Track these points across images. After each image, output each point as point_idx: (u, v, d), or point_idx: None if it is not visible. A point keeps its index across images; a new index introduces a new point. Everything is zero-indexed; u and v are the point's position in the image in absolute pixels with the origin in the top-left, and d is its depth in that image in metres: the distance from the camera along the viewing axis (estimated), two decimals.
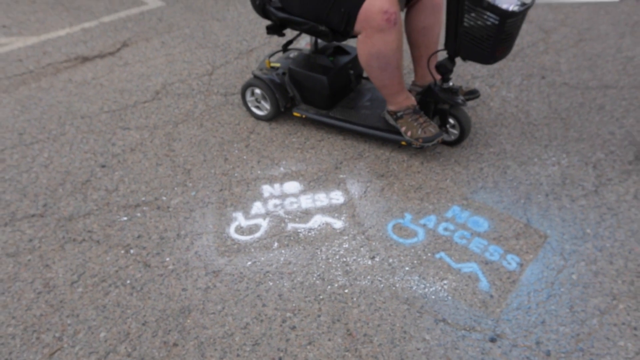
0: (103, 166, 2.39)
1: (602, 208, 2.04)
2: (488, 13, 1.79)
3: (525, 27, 3.42)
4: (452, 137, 2.37)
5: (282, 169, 2.32)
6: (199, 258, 1.89)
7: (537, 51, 3.16)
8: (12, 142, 2.59)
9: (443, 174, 2.24)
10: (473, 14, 1.84)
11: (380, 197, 2.13)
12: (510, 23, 1.81)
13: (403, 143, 2.30)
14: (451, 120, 2.31)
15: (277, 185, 2.22)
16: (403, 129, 2.24)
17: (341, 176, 2.26)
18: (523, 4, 1.81)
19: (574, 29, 3.38)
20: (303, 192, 2.19)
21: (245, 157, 2.41)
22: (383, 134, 2.34)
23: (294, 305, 1.70)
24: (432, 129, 2.19)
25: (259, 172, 2.31)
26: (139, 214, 2.11)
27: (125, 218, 2.09)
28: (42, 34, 3.72)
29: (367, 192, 2.16)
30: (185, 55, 3.34)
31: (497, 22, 1.80)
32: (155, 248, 1.94)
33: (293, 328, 1.63)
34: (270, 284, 1.78)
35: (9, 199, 2.22)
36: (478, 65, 3.00)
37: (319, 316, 1.66)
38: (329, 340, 1.59)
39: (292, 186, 2.22)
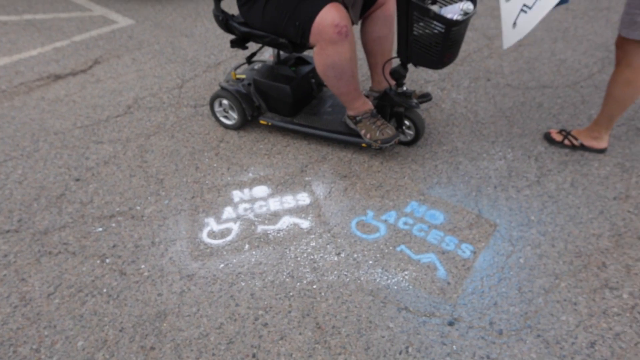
0: (77, 180, 2.30)
1: (544, 196, 2.08)
2: (435, 22, 1.81)
3: (470, 34, 3.47)
4: (408, 138, 2.38)
5: (250, 174, 2.28)
6: (174, 263, 1.83)
7: (482, 56, 3.20)
8: None
9: (401, 172, 2.25)
10: (421, 24, 1.85)
11: (344, 197, 2.12)
12: (455, 31, 1.82)
13: (364, 145, 2.30)
14: (406, 122, 2.33)
15: (246, 190, 2.18)
16: (363, 132, 2.23)
17: (307, 179, 2.24)
18: (465, 14, 1.83)
19: None
20: (271, 195, 2.16)
21: (215, 164, 2.36)
22: (345, 138, 2.33)
23: (265, 303, 1.67)
24: (390, 130, 2.20)
25: (229, 178, 2.26)
26: (113, 224, 2.03)
27: (100, 229, 2.01)
28: (14, 54, 3.57)
29: (331, 193, 2.14)
30: (156, 70, 3.26)
31: (443, 30, 1.81)
32: (130, 256, 1.88)
33: (265, 325, 1.60)
34: (243, 284, 1.74)
35: None
36: (429, 71, 3.03)
37: (290, 312, 1.63)
38: (300, 334, 1.56)
39: (260, 190, 2.18)
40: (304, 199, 2.12)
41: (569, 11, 3.74)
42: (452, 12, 1.84)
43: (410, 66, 2.05)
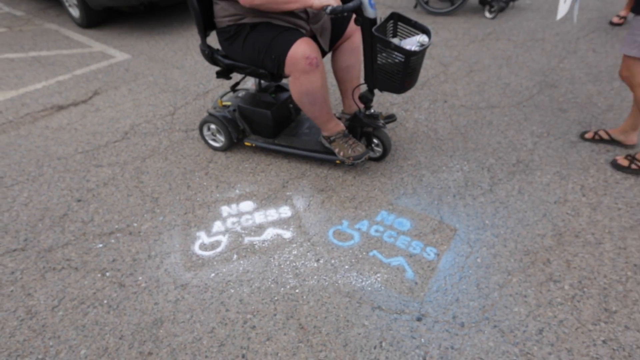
0: (79, 200, 2.25)
1: (496, 203, 2.10)
2: (395, 53, 1.83)
3: (429, 62, 3.53)
4: (377, 154, 2.39)
5: (237, 191, 2.26)
6: (168, 274, 1.80)
7: (439, 81, 3.26)
8: None
9: (372, 185, 2.25)
10: (384, 54, 1.87)
11: (322, 209, 2.11)
12: (413, 60, 1.84)
13: (338, 162, 2.30)
14: (375, 140, 2.34)
15: (234, 206, 2.16)
16: (337, 150, 2.24)
17: (288, 193, 2.23)
18: (422, 45, 1.86)
19: (465, 62, 3.52)
20: (256, 209, 2.14)
21: (205, 183, 2.33)
22: (321, 156, 2.33)
23: (253, 307, 1.65)
24: (360, 148, 2.20)
25: (217, 195, 2.24)
26: (113, 240, 1.99)
27: (100, 245, 1.97)
28: (20, 88, 3.50)
29: (310, 205, 2.14)
30: (150, 99, 3.22)
31: (403, 60, 1.83)
32: (128, 269, 1.84)
33: (253, 327, 1.58)
34: (232, 291, 1.72)
35: None
36: (394, 95, 3.06)
37: (275, 315, 1.62)
38: (285, 334, 1.55)
39: (246, 205, 2.16)
40: (285, 211, 2.11)
41: (510, 41, 3.84)
42: (410, 44, 1.87)
43: (376, 91, 2.08)
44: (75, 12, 4.74)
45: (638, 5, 1.96)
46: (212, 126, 2.51)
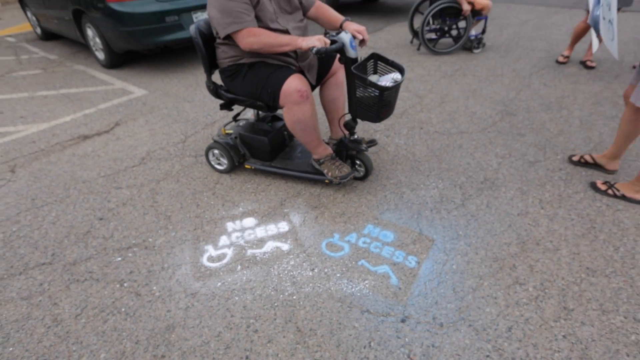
0: (101, 219, 2.22)
1: (468, 216, 2.11)
2: (371, 88, 1.86)
3: (407, 95, 3.57)
4: (361, 174, 2.40)
5: (241, 208, 2.25)
6: (180, 284, 1.77)
7: (415, 110, 3.29)
8: (26, 206, 2.37)
9: (359, 202, 2.25)
10: (362, 89, 1.91)
11: (315, 223, 2.10)
12: (387, 94, 1.87)
13: (327, 181, 2.30)
14: (358, 162, 2.35)
15: (237, 222, 2.15)
16: (325, 171, 2.24)
17: (285, 210, 2.21)
18: (395, 82, 1.90)
19: (438, 94, 3.57)
20: (258, 224, 2.12)
21: (212, 202, 2.31)
22: (312, 176, 2.33)
23: (255, 313, 1.62)
24: (346, 169, 2.22)
25: (223, 212, 2.22)
26: (130, 254, 1.96)
27: (119, 258, 1.93)
28: (51, 121, 3.49)
29: (305, 221, 2.13)
30: (164, 129, 3.22)
31: (377, 94, 1.86)
32: (144, 280, 1.80)
33: (255, 331, 1.54)
34: (236, 298, 1.69)
35: (23, 252, 2.01)
36: (376, 123, 3.08)
37: (275, 319, 1.59)
38: (284, 337, 1.52)
39: (249, 221, 2.15)
40: (283, 226, 2.09)
41: (475, 77, 3.91)
42: (385, 81, 1.91)
43: (359, 119, 2.10)
44: (100, 55, 4.77)
45: None
46: (216, 151, 2.51)
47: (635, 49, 4.29)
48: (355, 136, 2.19)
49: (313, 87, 2.25)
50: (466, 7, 4.11)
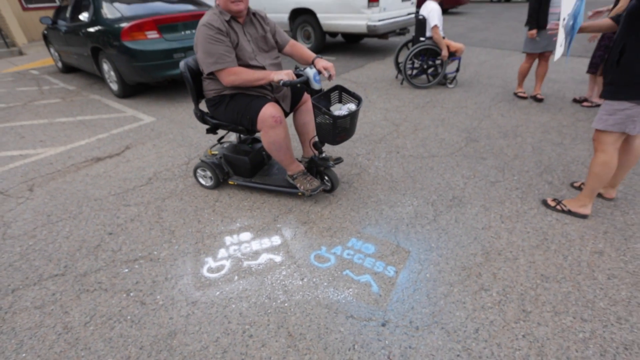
0: (110, 234, 2.17)
1: (439, 230, 2.12)
2: (326, 116, 1.93)
3: (385, 123, 3.63)
4: (328, 187, 2.45)
5: (238, 224, 2.23)
6: (181, 293, 1.73)
7: (392, 137, 3.34)
8: (42, 222, 2.31)
9: (344, 218, 2.25)
10: (320, 116, 1.98)
11: (305, 237, 2.09)
12: (340, 122, 1.96)
13: (300, 194, 2.36)
14: (326, 177, 2.42)
15: (235, 236, 2.12)
16: (298, 185, 2.30)
17: (278, 225, 2.20)
18: (349, 110, 1.98)
19: (411, 123, 3.64)
20: (253, 238, 2.10)
21: (212, 218, 2.29)
22: (287, 190, 2.38)
23: (250, 319, 1.59)
24: (316, 182, 2.29)
25: (222, 227, 2.20)
26: (137, 266, 1.91)
27: (126, 270, 1.89)
28: (68, 144, 3.44)
29: (296, 235, 2.11)
30: (170, 152, 3.20)
31: (331, 122, 1.93)
32: (149, 290, 1.76)
33: (251, 336, 1.51)
34: (233, 306, 1.66)
35: (38, 265, 1.95)
36: (360, 147, 3.12)
37: (269, 325, 1.56)
38: (276, 341, 1.49)
39: (245, 235, 2.12)
40: (276, 240, 2.08)
41: (443, 108, 4.00)
42: (339, 110, 2.00)
43: (343, 143, 2.12)
44: (114, 86, 4.76)
45: (605, 92, 1.90)
46: (203, 170, 2.54)
47: (574, 87, 4.48)
48: (324, 155, 2.26)
49: (287, 114, 2.35)
50: (444, 53, 4.25)
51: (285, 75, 1.93)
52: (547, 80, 4.72)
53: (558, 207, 2.23)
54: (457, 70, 4.68)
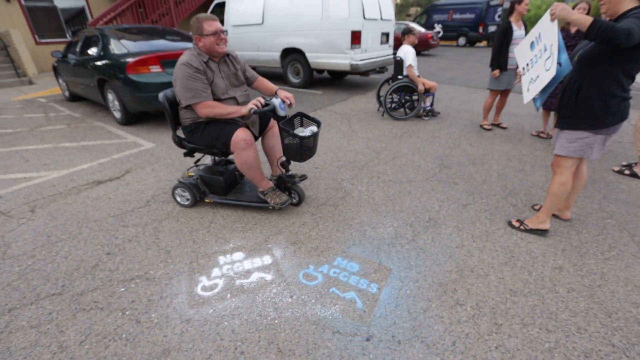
0: (108, 253, 2.10)
1: (417, 249, 2.13)
2: (293, 138, 2.06)
3: (367, 151, 3.68)
4: (295, 200, 2.54)
5: (231, 244, 2.19)
6: (176, 311, 1.67)
7: (374, 164, 3.39)
8: (41, 242, 2.21)
9: (330, 238, 2.24)
10: (287, 138, 2.10)
11: (294, 257, 2.07)
12: (305, 142, 2.09)
13: (270, 207, 2.42)
14: (293, 192, 2.52)
15: (228, 255, 2.08)
16: (269, 200, 2.38)
17: (269, 245, 2.17)
18: (312, 132, 2.12)
19: (391, 151, 3.71)
20: (245, 258, 2.06)
21: (207, 238, 2.25)
22: (258, 204, 2.44)
23: (242, 336, 1.54)
24: (284, 197, 2.39)
25: (216, 248, 2.15)
26: (133, 285, 1.84)
27: (123, 289, 1.82)
28: (70, 168, 3.36)
29: (285, 254, 2.09)
30: (168, 176, 3.16)
31: (297, 142, 2.06)
32: (144, 308, 1.69)
33: (242, 353, 1.46)
34: (226, 323, 1.60)
35: (36, 284, 1.86)
36: (344, 173, 3.14)
37: (259, 341, 1.51)
38: (267, 357, 1.44)
39: (238, 255, 2.09)
40: (267, 259, 2.05)
41: (419, 138, 4.11)
42: (303, 132, 2.13)
43: (326, 172, 2.17)
44: (117, 114, 4.73)
45: (559, 122, 2.01)
46: (181, 190, 2.56)
47: (531, 121, 4.70)
48: (290, 172, 2.38)
49: (256, 138, 2.47)
50: (421, 87, 4.46)
51: (253, 105, 2.08)
52: (508, 115, 4.94)
53: (521, 227, 2.29)
54: (432, 104, 4.87)
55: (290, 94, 2.31)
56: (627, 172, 3.09)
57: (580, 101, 1.90)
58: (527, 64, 2.12)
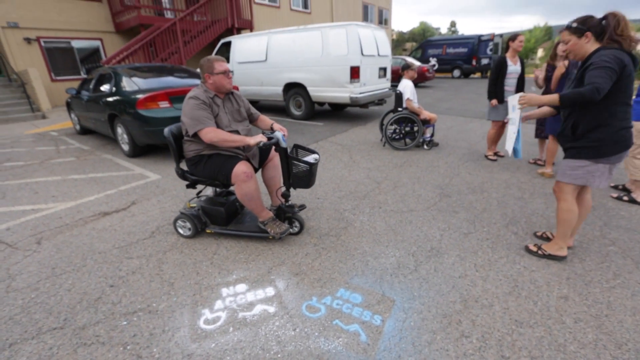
0: (111, 286, 2.09)
1: (420, 279, 2.10)
2: (303, 164, 2.20)
3: (367, 181, 3.73)
4: (296, 229, 2.58)
5: (234, 276, 2.18)
6: (178, 345, 1.64)
7: (375, 193, 3.42)
8: (46, 275, 2.21)
9: (332, 269, 2.22)
10: (297, 167, 2.23)
11: (297, 288, 2.05)
12: (314, 168, 2.23)
13: (270, 237, 2.45)
14: (294, 221, 2.56)
15: (231, 287, 2.07)
16: (269, 229, 2.41)
17: (272, 277, 2.16)
18: (316, 160, 2.27)
19: (391, 181, 3.75)
20: (248, 290, 2.05)
21: (210, 270, 2.24)
22: (259, 234, 2.47)
23: None
24: (284, 227, 2.43)
25: (219, 279, 2.14)
26: (135, 318, 1.82)
27: (125, 322, 1.79)
28: (78, 199, 3.41)
29: (288, 286, 2.07)
30: (173, 207, 3.20)
31: (308, 168, 2.20)
32: (146, 342, 1.66)
33: None
34: (228, 358, 1.57)
35: (38, 318, 1.84)
36: (345, 203, 3.16)
37: None
38: None
39: (241, 287, 2.07)
40: (270, 291, 2.03)
41: (419, 167, 4.16)
42: (311, 159, 2.27)
43: (332, 202, 2.20)
44: (125, 147, 4.86)
45: (568, 154, 2.04)
46: (182, 221, 2.58)
47: (528, 149, 4.78)
48: (289, 202, 2.44)
49: (256, 170, 2.55)
50: (422, 116, 4.62)
51: (261, 139, 2.20)
52: (504, 143, 5.02)
53: (539, 252, 2.28)
54: (432, 135, 4.99)
55: (285, 128, 2.43)
56: (625, 198, 3.10)
57: (579, 135, 1.98)
58: (511, 119, 2.26)
